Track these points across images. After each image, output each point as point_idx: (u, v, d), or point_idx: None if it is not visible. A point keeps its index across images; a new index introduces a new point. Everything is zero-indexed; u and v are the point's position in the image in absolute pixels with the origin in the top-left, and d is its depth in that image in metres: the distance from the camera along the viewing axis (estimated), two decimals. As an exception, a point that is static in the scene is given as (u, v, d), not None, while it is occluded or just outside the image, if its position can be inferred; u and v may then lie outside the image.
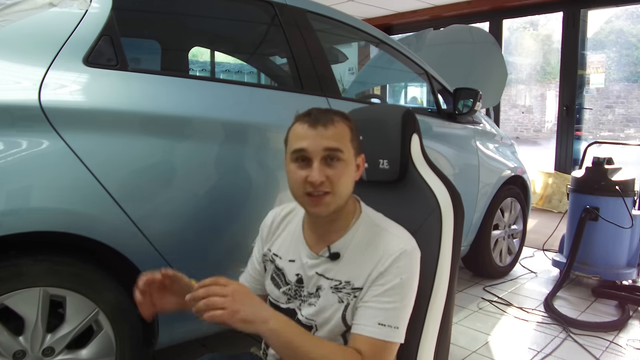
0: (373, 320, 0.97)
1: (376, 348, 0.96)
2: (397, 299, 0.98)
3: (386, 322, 0.96)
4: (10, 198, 1.17)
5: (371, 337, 0.96)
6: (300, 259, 1.10)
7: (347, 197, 1.04)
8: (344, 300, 1.03)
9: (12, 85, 1.22)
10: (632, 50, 6.34)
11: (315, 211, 1.01)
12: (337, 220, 1.06)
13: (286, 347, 0.93)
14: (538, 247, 3.58)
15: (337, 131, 1.00)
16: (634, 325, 2.32)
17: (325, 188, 0.98)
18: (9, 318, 1.24)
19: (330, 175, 0.98)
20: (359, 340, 0.97)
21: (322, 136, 0.98)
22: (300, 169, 1.00)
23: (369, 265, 1.01)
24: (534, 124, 8.04)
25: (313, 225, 1.09)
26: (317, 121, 1.00)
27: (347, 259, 1.05)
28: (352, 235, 1.06)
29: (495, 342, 2.15)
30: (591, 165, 2.80)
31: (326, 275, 1.06)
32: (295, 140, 1.01)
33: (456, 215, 1.20)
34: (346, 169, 1.01)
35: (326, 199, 0.99)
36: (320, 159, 0.98)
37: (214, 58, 3.55)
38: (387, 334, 0.96)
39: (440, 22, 5.64)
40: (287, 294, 1.12)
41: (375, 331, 0.96)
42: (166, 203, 1.46)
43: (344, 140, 1.01)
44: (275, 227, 1.19)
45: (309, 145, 0.98)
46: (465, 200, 1.28)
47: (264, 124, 1.68)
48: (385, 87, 6.12)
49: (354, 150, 1.04)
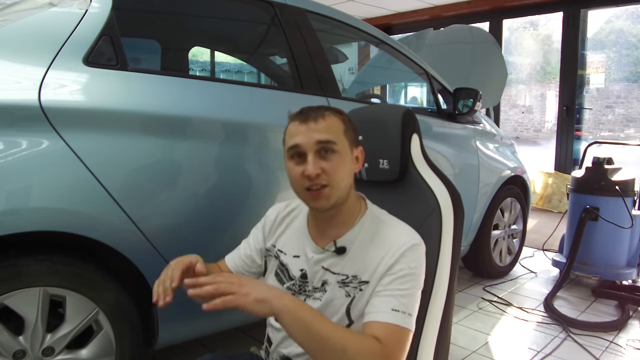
0: (387, 307, 0.96)
1: (392, 333, 0.95)
2: (409, 286, 0.99)
3: (399, 308, 0.96)
4: (10, 198, 1.17)
5: (386, 322, 0.95)
6: (305, 254, 1.11)
7: (346, 189, 1.05)
8: (350, 294, 1.04)
9: (12, 85, 1.22)
10: (632, 50, 6.34)
11: (316, 205, 1.03)
12: (340, 215, 1.07)
13: (301, 326, 0.90)
14: (538, 247, 3.58)
15: (327, 124, 1.02)
16: (634, 325, 2.32)
17: (322, 181, 1.00)
18: (9, 318, 1.24)
19: (326, 167, 1.00)
20: (375, 327, 0.95)
21: (314, 130, 1.01)
22: (297, 165, 1.02)
23: (376, 258, 1.02)
24: (534, 124, 8.03)
25: (317, 220, 1.10)
26: (307, 117, 1.02)
27: (353, 253, 1.06)
28: (358, 230, 1.07)
29: (495, 342, 2.15)
30: (591, 165, 2.80)
31: (332, 269, 1.07)
32: (290, 138, 1.04)
33: (456, 215, 1.20)
34: (341, 160, 1.02)
35: (325, 192, 1.00)
36: (314, 153, 1.00)
37: (214, 58, 3.55)
38: (402, 319, 0.96)
39: (440, 22, 5.64)
40: (291, 290, 1.12)
41: (390, 317, 0.95)
42: (166, 203, 1.46)
43: (337, 132, 1.03)
44: (279, 223, 1.20)
45: (301, 141, 1.01)
46: (465, 200, 1.28)
47: (264, 124, 1.68)
48: (385, 87, 6.12)
49: (349, 142, 1.05)
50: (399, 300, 0.97)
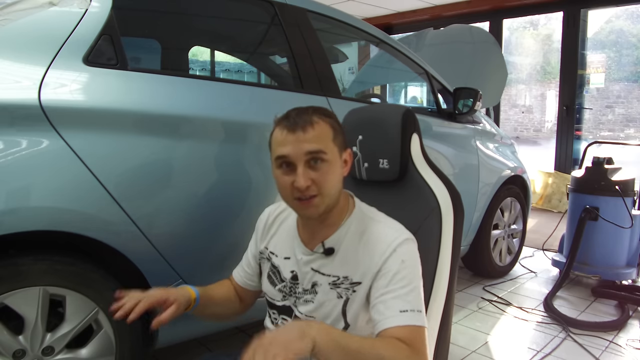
0: (394, 310, 0.95)
1: (411, 333, 0.93)
2: (406, 282, 0.97)
3: (407, 307, 0.95)
4: (10, 197, 1.17)
5: (400, 326, 0.93)
6: (295, 255, 1.11)
7: (336, 196, 1.04)
8: (342, 295, 1.03)
9: (12, 85, 1.22)
10: (632, 50, 6.34)
11: (306, 214, 1.02)
12: (330, 218, 1.06)
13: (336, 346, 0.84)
14: (538, 246, 3.58)
15: (316, 133, 0.98)
16: (634, 325, 2.32)
17: (312, 192, 0.98)
18: (9, 317, 1.24)
19: (315, 177, 0.98)
20: (391, 332, 0.93)
21: (303, 140, 0.97)
22: (286, 175, 0.99)
23: (365, 258, 1.01)
24: (534, 123, 8.04)
25: (306, 223, 1.10)
26: (295, 125, 0.98)
27: (342, 253, 1.05)
28: (345, 229, 1.06)
29: (495, 341, 2.15)
30: (591, 165, 2.80)
31: (322, 271, 1.06)
32: (277, 146, 1.00)
33: (456, 215, 1.20)
34: (331, 168, 1.00)
35: (315, 201, 0.99)
36: (303, 163, 0.97)
37: (214, 57, 3.55)
38: (414, 318, 0.94)
39: (440, 21, 5.64)
40: (282, 292, 1.13)
41: (402, 319, 0.94)
42: (166, 202, 1.46)
43: (326, 141, 1.00)
44: (270, 225, 1.21)
45: (290, 152, 0.97)
46: (465, 199, 1.28)
47: (264, 124, 1.68)
48: (385, 86, 6.12)
49: (338, 148, 1.03)
50: (403, 300, 0.96)
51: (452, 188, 1.23)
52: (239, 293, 1.27)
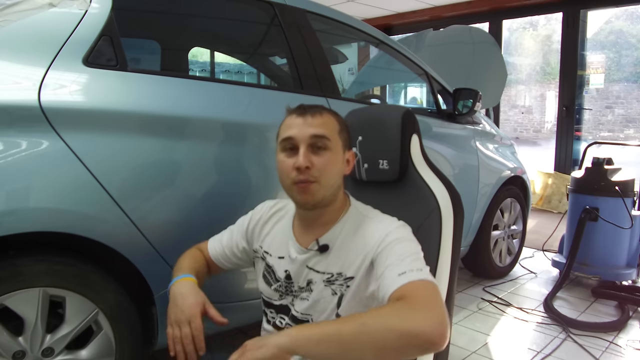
0: (393, 277, 0.91)
1: (409, 291, 0.88)
2: (404, 252, 0.95)
3: (405, 268, 0.91)
4: (10, 198, 1.17)
5: (400, 286, 0.89)
6: (289, 254, 1.11)
7: (334, 189, 1.05)
8: (337, 292, 1.04)
9: (12, 85, 1.22)
10: (632, 50, 6.33)
11: (302, 199, 1.02)
12: (326, 214, 1.07)
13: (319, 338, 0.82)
14: (538, 247, 3.58)
15: (324, 120, 1.03)
16: (634, 325, 2.32)
17: (311, 177, 0.99)
18: (9, 318, 1.24)
19: (316, 162, 1.00)
20: (393, 296, 0.89)
21: (309, 124, 1.02)
22: (288, 158, 1.03)
23: (359, 253, 1.02)
24: (533, 124, 8.03)
25: (302, 220, 1.11)
26: (305, 111, 1.04)
27: (336, 250, 1.06)
28: (340, 227, 1.07)
29: (495, 342, 2.15)
30: (591, 166, 2.80)
31: (316, 268, 1.07)
32: (284, 130, 1.05)
33: (456, 216, 1.20)
34: (333, 158, 1.03)
35: (312, 187, 1.00)
36: (306, 146, 1.01)
37: (213, 58, 3.55)
38: (412, 275, 0.90)
39: (440, 22, 5.64)
40: (278, 291, 1.14)
41: (400, 280, 0.90)
42: (166, 203, 1.46)
43: (332, 130, 1.04)
44: (263, 223, 1.21)
45: (296, 133, 1.01)
46: (465, 200, 1.28)
47: (264, 124, 1.68)
48: (385, 87, 6.13)
49: (342, 143, 1.06)
50: (400, 265, 0.93)
51: (452, 189, 1.23)
52: (209, 265, 1.29)
